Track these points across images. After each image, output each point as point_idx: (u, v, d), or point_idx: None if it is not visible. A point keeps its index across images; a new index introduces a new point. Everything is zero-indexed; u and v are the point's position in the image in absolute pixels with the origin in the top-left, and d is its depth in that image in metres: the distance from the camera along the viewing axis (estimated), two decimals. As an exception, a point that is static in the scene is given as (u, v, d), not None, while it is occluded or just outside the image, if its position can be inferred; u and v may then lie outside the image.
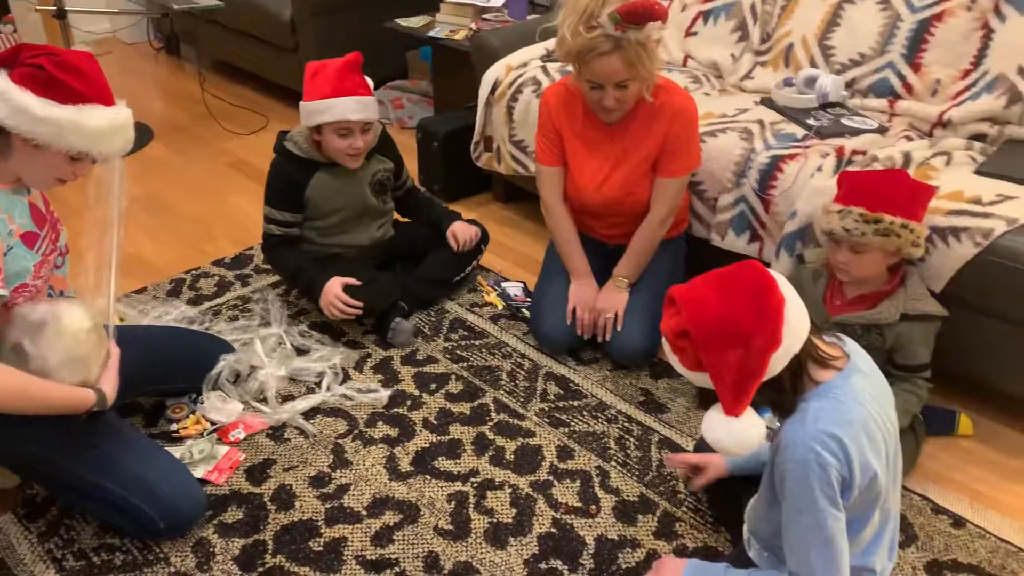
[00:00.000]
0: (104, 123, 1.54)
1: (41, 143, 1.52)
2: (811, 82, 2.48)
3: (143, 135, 3.72)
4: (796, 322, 1.25)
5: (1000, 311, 1.92)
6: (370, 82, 2.26)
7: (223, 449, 1.99)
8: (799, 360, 1.27)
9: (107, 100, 1.57)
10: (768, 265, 2.21)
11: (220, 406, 2.09)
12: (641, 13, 1.88)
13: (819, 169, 2.13)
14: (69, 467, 1.68)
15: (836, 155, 2.16)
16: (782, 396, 1.30)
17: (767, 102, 2.53)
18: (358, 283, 2.31)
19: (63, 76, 1.50)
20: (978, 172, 2.09)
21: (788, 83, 2.56)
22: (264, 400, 2.13)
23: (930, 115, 2.35)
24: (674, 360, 1.31)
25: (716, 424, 1.28)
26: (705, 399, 1.32)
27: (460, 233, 2.50)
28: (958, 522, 1.81)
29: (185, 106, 4.07)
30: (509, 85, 2.76)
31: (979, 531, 1.79)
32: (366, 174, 2.38)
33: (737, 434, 1.26)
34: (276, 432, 2.06)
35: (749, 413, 1.26)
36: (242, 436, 2.03)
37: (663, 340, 1.31)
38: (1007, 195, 1.96)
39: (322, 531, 1.79)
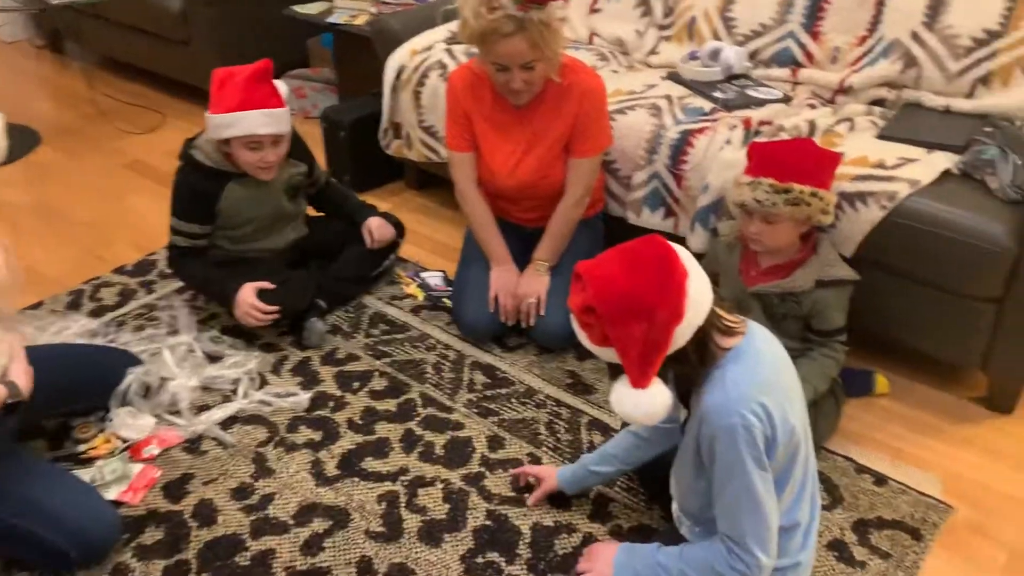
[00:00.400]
0: None
1: None
2: (715, 55, 2.50)
3: (29, 139, 3.51)
4: (698, 295, 1.27)
5: (907, 271, 1.97)
6: (283, 89, 2.15)
7: (137, 467, 1.89)
8: (704, 331, 1.29)
9: None
10: (683, 240, 2.23)
11: (131, 422, 1.99)
12: (543, -8, 1.85)
13: (728, 142, 2.14)
14: None
15: (744, 127, 2.18)
16: (688, 368, 1.33)
17: (674, 77, 2.54)
18: (271, 286, 2.23)
19: None
20: (880, 136, 2.14)
21: (693, 57, 2.57)
22: (177, 412, 2.04)
23: (831, 82, 2.39)
24: (582, 336, 1.31)
25: (624, 397, 1.30)
26: (616, 372, 1.33)
27: (376, 230, 2.42)
28: (880, 480, 1.86)
29: (73, 106, 3.85)
30: (415, 70, 2.69)
31: (900, 487, 1.84)
32: (279, 181, 2.28)
33: (644, 406, 1.28)
34: (193, 445, 1.97)
35: (655, 384, 1.28)
36: (156, 452, 1.94)
37: (571, 317, 1.31)
38: (909, 158, 2.01)
39: (248, 545, 1.72)
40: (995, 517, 1.79)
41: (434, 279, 2.56)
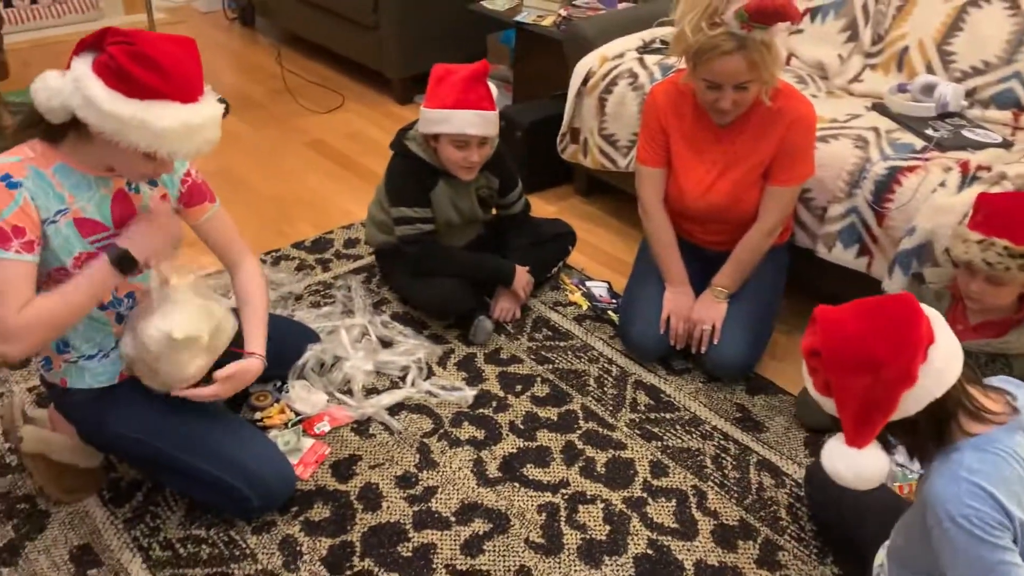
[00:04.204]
0: (175, 123, 1.38)
1: (107, 138, 1.39)
2: (928, 90, 2.35)
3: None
4: (941, 363, 1.18)
5: None
6: (495, 91, 2.16)
7: (308, 442, 1.95)
8: (944, 407, 1.19)
9: (187, 96, 1.41)
10: (879, 282, 2.11)
11: (305, 396, 2.05)
12: (771, 13, 1.77)
13: (942, 184, 2.01)
14: (162, 448, 1.67)
15: (960, 170, 2.04)
16: (918, 441, 1.23)
17: (880, 108, 2.40)
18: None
19: (133, 68, 1.35)
20: (1117, 196, 1.95)
21: (902, 89, 2.42)
22: (349, 392, 2.09)
23: (1059, 130, 2.21)
24: (808, 381, 1.26)
25: (835, 453, 1.22)
26: (839, 427, 1.25)
27: (498, 308, 2.37)
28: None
29: (260, 80, 4.02)
30: (603, 76, 2.67)
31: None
32: (473, 184, 2.31)
33: (856, 467, 1.20)
34: (361, 427, 2.01)
35: (873, 447, 1.20)
36: (327, 429, 1.99)
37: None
38: None
39: (411, 535, 1.74)
40: None
41: (599, 289, 2.53)
